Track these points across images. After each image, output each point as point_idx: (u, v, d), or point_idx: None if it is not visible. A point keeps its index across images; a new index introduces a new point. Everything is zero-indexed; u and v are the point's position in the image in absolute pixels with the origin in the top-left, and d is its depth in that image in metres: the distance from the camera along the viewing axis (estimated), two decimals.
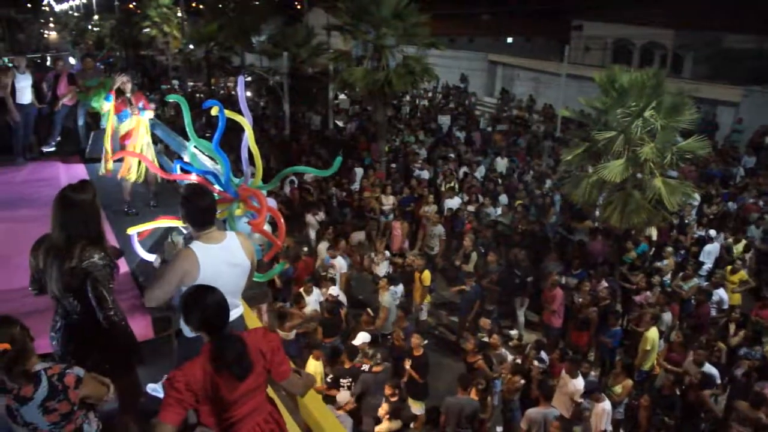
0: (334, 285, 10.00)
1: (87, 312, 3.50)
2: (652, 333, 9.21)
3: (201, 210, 3.45)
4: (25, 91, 10.13)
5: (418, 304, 10.94)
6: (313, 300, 9.62)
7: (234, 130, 5.22)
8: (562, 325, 10.39)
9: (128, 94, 7.39)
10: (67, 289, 3.44)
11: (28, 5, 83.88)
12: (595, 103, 11.87)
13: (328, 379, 8.31)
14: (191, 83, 33.52)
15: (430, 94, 30.77)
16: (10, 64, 13.16)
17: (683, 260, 12.07)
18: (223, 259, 3.42)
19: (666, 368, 9.01)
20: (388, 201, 14.05)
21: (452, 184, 15.28)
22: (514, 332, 10.06)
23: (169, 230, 4.91)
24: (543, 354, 9.05)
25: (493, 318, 10.29)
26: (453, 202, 14.08)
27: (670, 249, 11.81)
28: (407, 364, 8.61)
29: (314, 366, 8.13)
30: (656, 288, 10.73)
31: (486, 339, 9.40)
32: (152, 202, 7.67)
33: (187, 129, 5.22)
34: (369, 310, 10.04)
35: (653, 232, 12.84)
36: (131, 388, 4.05)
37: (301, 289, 9.67)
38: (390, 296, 10.14)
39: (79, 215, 3.48)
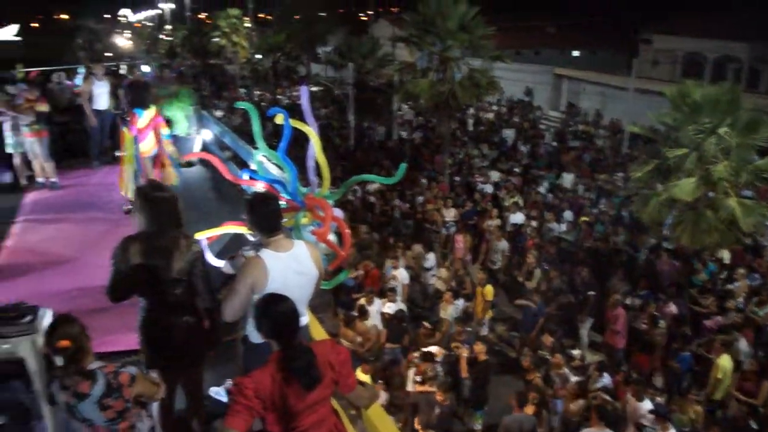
0: (396, 296, 9.98)
1: (177, 305, 3.68)
2: (724, 360, 8.80)
3: (267, 215, 3.46)
4: (102, 97, 10.54)
5: (480, 319, 10.80)
6: (374, 310, 9.61)
7: (298, 140, 5.27)
8: (626, 347, 10.07)
9: None
10: (178, 280, 3.63)
11: (106, 16, 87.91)
12: (665, 119, 11.53)
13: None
14: (258, 92, 34.38)
15: (494, 107, 30.56)
16: (83, 71, 13.72)
17: (759, 284, 11.54)
18: (292, 268, 3.43)
19: (739, 399, 8.59)
20: (450, 214, 13.97)
21: (516, 199, 15.09)
22: (576, 352, 9.80)
23: (239, 241, 4.97)
24: (606, 376, 8.78)
25: (556, 336, 10.07)
26: (516, 217, 13.89)
27: (742, 271, 11.31)
28: (465, 371, 8.47)
29: (362, 379, 8.09)
30: (729, 312, 10.28)
31: (548, 357, 9.20)
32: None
33: (256, 137, 5.24)
34: (426, 323, 9.98)
35: (725, 255, 12.34)
36: (197, 387, 4.13)
37: (363, 300, 9.68)
38: (454, 309, 10.09)
39: (168, 210, 3.70)
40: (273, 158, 5.18)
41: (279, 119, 4.86)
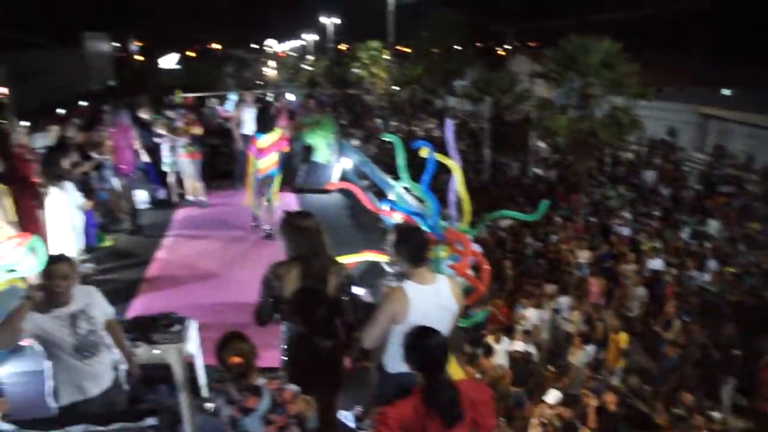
0: (524, 337, 9.74)
1: (323, 327, 3.81)
2: None
3: (415, 247, 3.48)
4: (249, 122, 11.19)
5: (611, 367, 10.28)
6: (501, 349, 9.42)
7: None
8: None
9: None
10: (327, 303, 3.78)
11: (254, 46, 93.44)
12: None
13: None
14: (394, 123, 35.10)
15: (634, 147, 29.28)
16: (233, 97, 14.64)
17: None
18: (433, 302, 3.43)
19: None
20: (585, 255, 13.47)
21: (655, 244, 14.31)
22: (717, 415, 9.06)
23: (375, 270, 5.07)
24: None
25: (695, 395, 9.38)
26: (655, 263, 13.15)
27: None
28: (592, 421, 8.07)
29: None
30: None
31: (685, 416, 8.58)
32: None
33: (399, 169, 5.34)
34: (551, 367, 9.65)
35: None
36: (332, 410, 4.22)
37: (491, 337, 9.52)
38: (584, 355, 9.68)
39: (314, 237, 3.83)
40: (415, 190, 5.25)
41: (424, 152, 4.94)
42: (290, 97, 17.00)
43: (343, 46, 56.44)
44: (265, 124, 9.11)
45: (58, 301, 3.77)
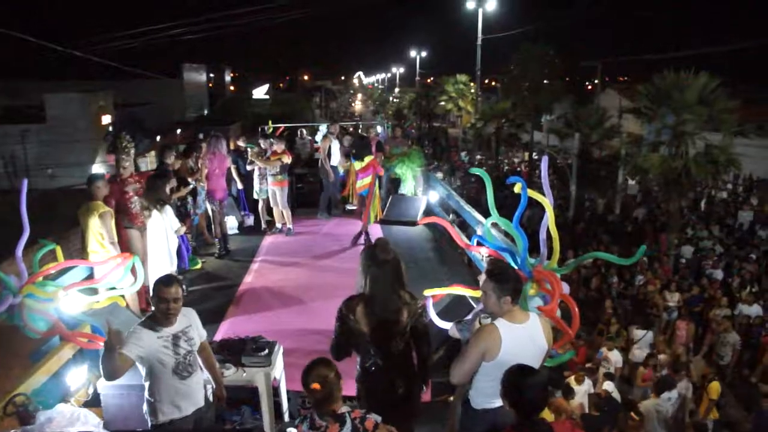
0: (609, 380, 9.39)
1: (398, 360, 3.82)
2: None
3: (509, 285, 3.47)
4: (338, 154, 11.48)
5: (702, 418, 9.75)
6: (582, 391, 9.12)
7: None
8: None
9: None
10: (402, 335, 3.80)
11: (342, 78, 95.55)
12: None
13: None
14: (479, 156, 35.01)
15: (729, 186, 27.94)
16: (323, 128, 15.01)
17: None
18: (525, 341, 3.42)
19: None
20: (674, 298, 12.91)
21: (752, 289, 13.55)
22: None
23: (461, 304, 5.04)
24: None
25: None
26: (751, 310, 12.42)
27: None
28: None
29: None
30: None
31: None
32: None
33: (489, 204, 5.31)
34: (633, 414, 9.22)
35: None
36: None
37: (572, 378, 9.24)
38: (663, 402, 9.21)
39: (392, 271, 3.81)
40: (505, 227, 5.23)
41: (517, 188, 4.91)
42: (379, 129, 17.36)
43: (429, 80, 57.05)
44: (356, 151, 9.47)
45: (165, 322, 3.94)
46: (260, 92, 53.77)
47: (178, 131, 31.62)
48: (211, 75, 53.35)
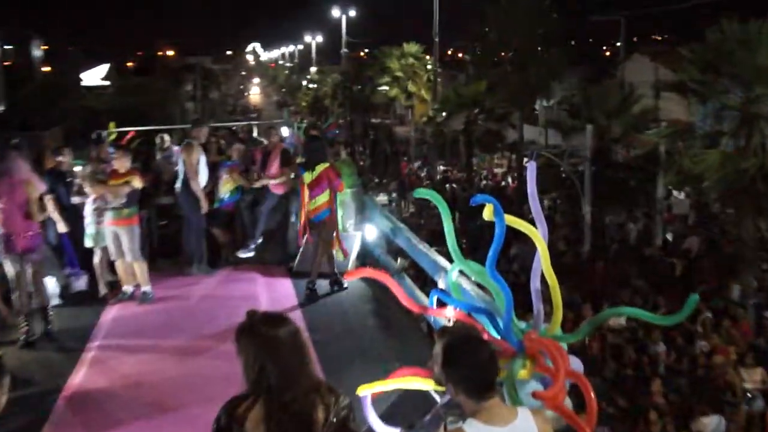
0: None
1: None
2: None
3: (475, 368, 2.66)
4: (203, 172, 8.35)
5: None
6: None
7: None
8: None
9: None
10: None
11: (229, 53, 69.81)
12: None
13: None
14: (441, 166, 27.39)
15: None
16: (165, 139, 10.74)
17: None
18: None
19: None
20: (756, 376, 9.27)
21: None
22: None
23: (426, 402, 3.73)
24: None
25: None
26: None
27: None
28: None
29: None
30: None
31: None
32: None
33: (449, 243, 3.97)
34: None
35: None
36: None
37: None
38: None
39: (292, 357, 2.80)
40: (476, 275, 4.04)
41: (488, 213, 3.59)
42: (284, 131, 13.31)
43: (362, 53, 45.79)
44: (310, 157, 7.80)
45: None
46: (95, 76, 39.74)
47: None
48: (7, 47, 34.55)
